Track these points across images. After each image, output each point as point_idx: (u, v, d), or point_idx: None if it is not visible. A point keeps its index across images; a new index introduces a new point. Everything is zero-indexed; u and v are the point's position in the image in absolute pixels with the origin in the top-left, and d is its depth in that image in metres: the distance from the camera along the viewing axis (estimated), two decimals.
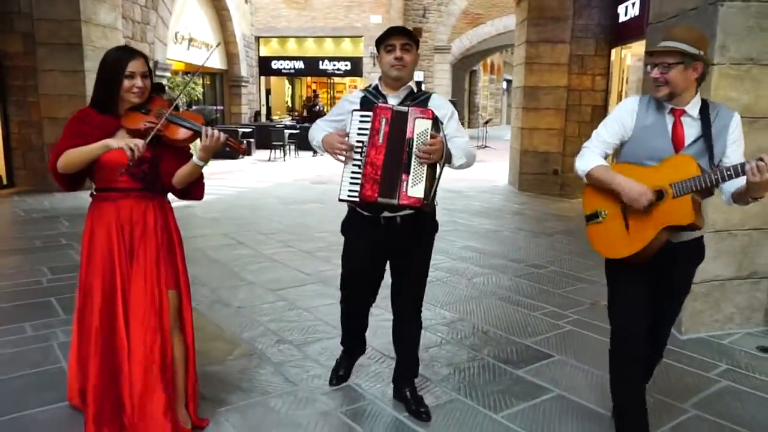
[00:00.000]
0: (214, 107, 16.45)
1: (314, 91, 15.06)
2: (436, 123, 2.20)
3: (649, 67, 2.09)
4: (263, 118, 18.73)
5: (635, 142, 2.14)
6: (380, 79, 2.42)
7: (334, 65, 19.44)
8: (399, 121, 2.19)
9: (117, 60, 2.15)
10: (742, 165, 1.88)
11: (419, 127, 2.17)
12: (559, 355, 3.18)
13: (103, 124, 2.17)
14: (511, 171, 10.02)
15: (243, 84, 17.38)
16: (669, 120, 2.10)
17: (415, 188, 2.16)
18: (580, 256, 5.27)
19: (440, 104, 2.38)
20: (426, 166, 2.18)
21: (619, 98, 9.29)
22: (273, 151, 13.91)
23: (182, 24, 13.62)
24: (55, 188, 8.08)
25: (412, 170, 2.17)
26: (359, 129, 2.24)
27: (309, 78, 21.99)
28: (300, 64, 19.58)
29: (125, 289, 2.19)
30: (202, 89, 15.09)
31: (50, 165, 2.16)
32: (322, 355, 3.09)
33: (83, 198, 2.10)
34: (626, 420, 2.21)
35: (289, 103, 22.79)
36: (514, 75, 10.21)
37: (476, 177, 10.15)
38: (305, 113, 14.57)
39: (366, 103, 2.34)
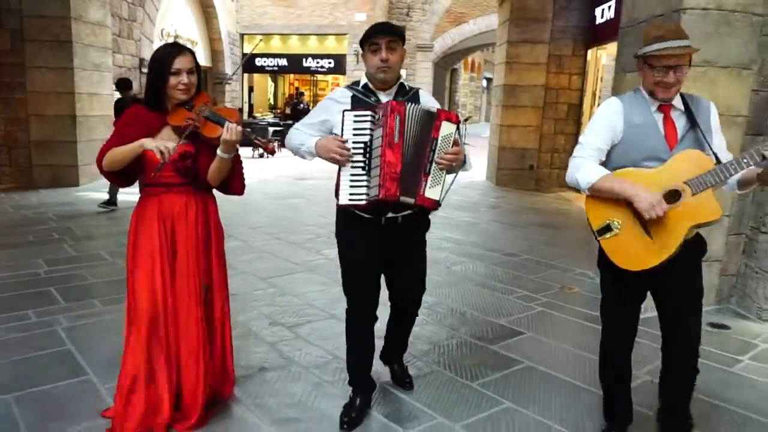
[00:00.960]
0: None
1: (297, 89, 15.17)
2: (459, 128, 2.18)
3: (656, 68, 1.98)
4: (245, 116, 18.82)
5: (627, 144, 2.06)
6: (366, 76, 2.34)
7: (318, 63, 19.56)
8: (427, 121, 2.14)
9: (163, 56, 2.17)
10: (758, 151, 1.86)
11: (444, 130, 2.14)
12: (529, 333, 3.48)
13: (150, 122, 2.21)
14: (489, 167, 10.35)
15: (227, 81, 17.45)
16: (658, 117, 2.05)
17: (432, 190, 2.14)
18: (552, 246, 5.59)
19: (428, 101, 2.35)
20: (444, 170, 2.17)
21: (594, 97, 9.65)
22: (256, 148, 14.05)
23: (168, 21, 13.67)
24: (41, 185, 8.16)
25: (432, 172, 2.14)
26: (356, 129, 2.15)
27: (292, 75, 22.08)
28: (283, 62, 19.66)
29: (170, 284, 2.24)
30: None
31: (97, 163, 2.25)
32: (312, 335, 3.34)
33: (71, 194, 2.22)
34: (613, 412, 2.36)
35: (272, 101, 22.86)
36: (495, 73, 10.53)
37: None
38: (288, 111, 14.65)
39: (358, 103, 2.25)
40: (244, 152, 13.44)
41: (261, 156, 13.02)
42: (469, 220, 6.91)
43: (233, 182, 2.37)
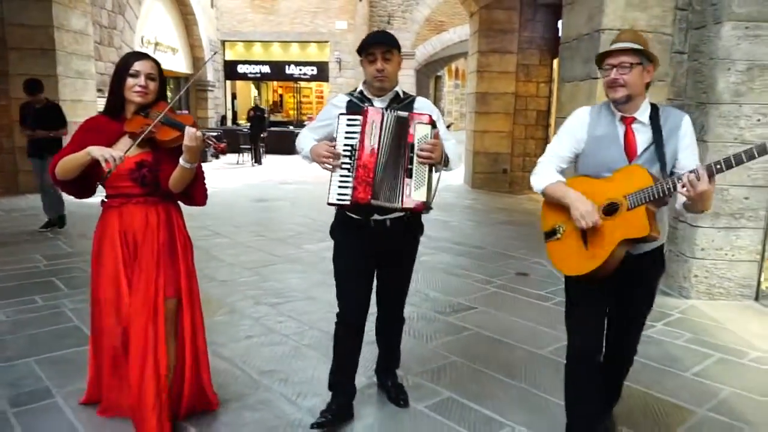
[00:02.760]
0: (179, 112, 16.84)
1: (256, 96, 15.37)
2: (435, 127, 2.23)
3: (603, 70, 2.05)
4: (229, 123, 19.16)
5: (588, 154, 2.10)
6: (364, 83, 2.41)
7: (300, 70, 19.91)
8: (400, 125, 2.20)
9: (125, 59, 2.21)
10: (676, 179, 1.87)
11: (419, 132, 2.20)
12: (481, 307, 4.00)
13: (110, 129, 2.20)
14: (465, 170, 10.91)
15: (209, 88, 17.79)
16: (620, 128, 2.05)
17: (417, 192, 2.19)
18: (517, 240, 6.14)
19: (424, 107, 2.38)
20: (427, 169, 2.20)
21: (560, 103, 10.28)
22: (241, 154, 14.48)
23: (148, 28, 13.93)
24: (27, 190, 8.26)
25: (414, 174, 2.19)
26: (347, 133, 2.24)
27: (275, 82, 22.46)
28: (266, 69, 19.99)
29: (132, 299, 2.19)
30: (169, 94, 15.51)
31: (51, 174, 2.19)
32: (292, 311, 3.82)
33: (63, 198, 2.34)
34: (576, 426, 2.19)
35: None
36: (468, 82, 11.12)
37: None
38: (249, 121, 14.76)
39: (352, 107, 2.34)
40: (230, 159, 13.83)
41: (216, 156, 13.11)
42: (443, 218, 7.43)
43: (196, 192, 2.32)
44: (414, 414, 2.57)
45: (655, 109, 2.05)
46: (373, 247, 2.37)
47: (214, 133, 14.89)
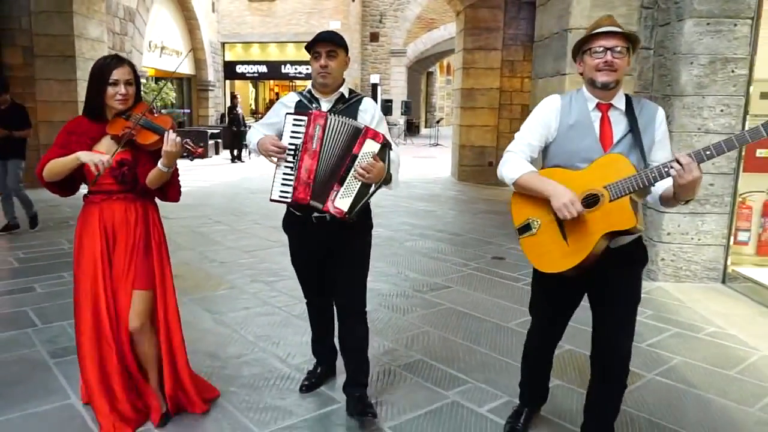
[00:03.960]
0: (182, 110, 17.30)
1: (233, 93, 15.58)
2: (384, 148, 2.25)
3: (591, 52, 1.95)
4: (227, 121, 19.58)
5: (561, 143, 2.01)
6: (312, 81, 2.47)
7: (296, 69, 20.39)
8: (350, 135, 2.25)
9: (102, 68, 2.23)
10: (667, 168, 1.80)
11: (367, 147, 2.22)
12: (455, 287, 4.44)
13: (91, 131, 2.27)
14: (452, 164, 11.34)
15: (210, 88, 18.26)
16: (595, 116, 1.98)
17: (342, 200, 2.23)
18: (496, 228, 6.59)
19: (367, 108, 2.43)
20: (359, 183, 2.23)
21: (533, 98, 10.73)
22: (237, 150, 14.89)
23: (155, 33, 14.48)
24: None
25: (345, 183, 2.24)
26: (292, 132, 2.29)
27: (272, 81, 22.88)
28: (263, 68, 20.48)
29: (111, 291, 2.30)
30: (174, 94, 15.95)
31: (38, 175, 2.26)
32: (284, 288, 4.26)
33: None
34: (528, 393, 2.47)
35: (253, 106, 23.66)
36: (455, 78, 11.53)
37: (424, 171, 11.49)
38: (226, 118, 15.00)
39: (300, 107, 2.41)
40: (229, 155, 14.14)
41: (191, 159, 13.32)
42: (428, 208, 7.87)
43: (170, 190, 2.41)
44: (387, 371, 3.00)
45: (628, 99, 2.00)
46: (317, 241, 2.44)
47: (215, 131, 15.42)
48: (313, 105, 2.41)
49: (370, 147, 2.23)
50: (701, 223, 4.47)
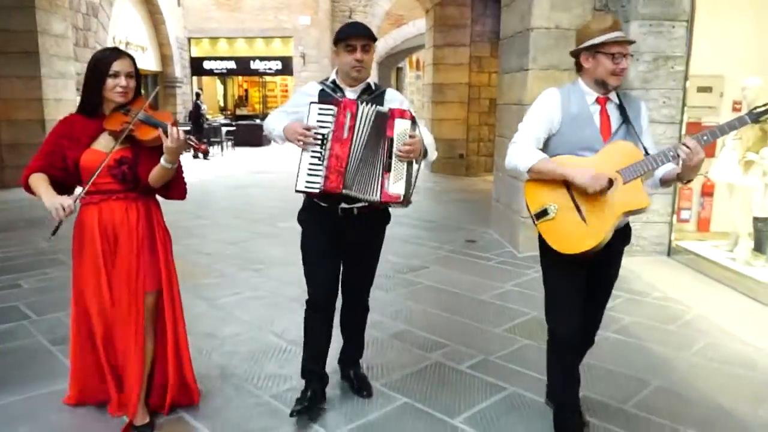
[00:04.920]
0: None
1: (198, 91, 15.61)
2: (414, 123, 2.25)
3: (615, 57, 2.04)
4: None
5: (564, 134, 2.10)
6: (337, 72, 2.43)
7: (266, 65, 20.31)
8: (380, 120, 2.23)
9: (102, 59, 2.15)
10: (675, 151, 1.96)
11: (399, 127, 2.22)
12: (432, 267, 4.77)
13: (87, 129, 2.18)
14: None
15: (178, 85, 18.12)
16: (595, 108, 2.10)
17: (396, 185, 2.22)
18: (468, 215, 6.96)
19: (395, 98, 2.43)
20: (405, 163, 2.23)
21: (500, 92, 11.16)
22: (211, 147, 14.93)
23: (119, 28, 14.30)
24: (12, 185, 8.47)
25: (393, 168, 2.21)
26: (318, 122, 2.26)
27: (241, 78, 22.78)
28: (231, 64, 20.34)
29: (114, 296, 2.24)
30: (144, 90, 15.85)
31: (23, 182, 2.17)
32: (273, 274, 4.50)
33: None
34: (564, 403, 2.30)
35: (222, 103, 23.53)
36: (425, 73, 11.87)
37: None
38: (191, 115, 14.70)
39: (324, 97, 2.37)
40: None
41: (195, 157, 12.96)
42: None
43: (174, 187, 2.34)
44: (377, 340, 3.29)
45: (616, 93, 2.14)
46: (339, 234, 2.40)
47: (185, 128, 15.40)
48: (338, 94, 2.38)
49: (402, 126, 2.24)
50: None
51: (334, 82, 2.42)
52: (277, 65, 20.28)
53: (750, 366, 2.96)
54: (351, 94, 2.40)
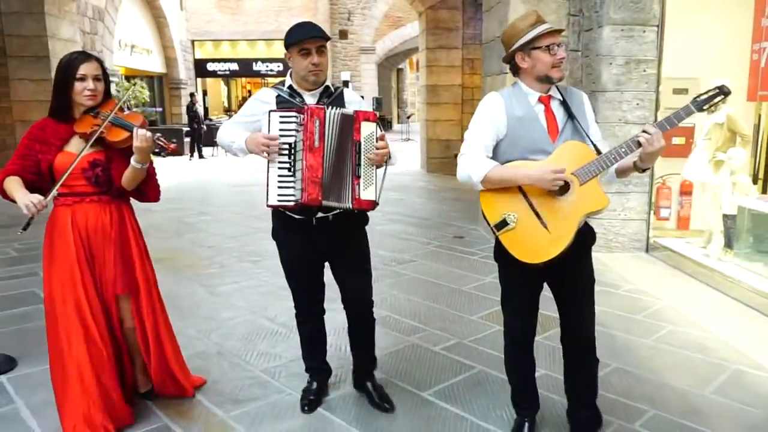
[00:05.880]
0: (154, 108, 17.53)
1: (192, 92, 15.87)
2: (379, 124, 2.19)
3: (550, 49, 1.99)
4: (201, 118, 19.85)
5: (511, 138, 2.04)
6: (291, 76, 2.31)
7: (267, 66, 20.72)
8: (345, 123, 2.15)
9: (69, 63, 2.16)
10: (634, 140, 1.92)
11: (365, 130, 2.15)
12: (419, 260, 5.07)
13: (59, 132, 2.19)
14: (421, 156, 11.98)
15: (182, 86, 18.49)
16: (539, 108, 2.05)
17: (367, 191, 2.16)
18: (459, 213, 7.26)
19: (354, 99, 2.35)
20: (374, 167, 2.17)
21: (483, 94, 11.46)
22: (215, 147, 15.25)
23: (124, 32, 14.67)
24: None
25: (363, 173, 2.14)
26: (281, 130, 2.15)
27: (243, 79, 23.13)
28: (234, 66, 20.75)
29: (90, 296, 2.22)
30: (147, 92, 16.20)
31: None
32: (269, 265, 4.78)
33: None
34: (521, 399, 2.35)
35: (226, 104, 23.90)
36: (420, 75, 12.15)
37: (397, 165, 12.05)
38: (187, 116, 15.08)
39: (282, 103, 2.26)
40: (204, 152, 14.55)
41: (158, 154, 13.30)
42: (397, 197, 8.48)
43: (149, 189, 2.34)
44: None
45: (557, 88, 2.10)
46: (318, 244, 2.33)
47: (189, 129, 15.75)
48: (297, 99, 2.28)
49: (369, 128, 2.17)
50: (626, 201, 5.20)
51: (291, 87, 2.31)
52: (278, 67, 20.63)
53: (704, 350, 3.21)
54: (310, 98, 2.29)
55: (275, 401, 2.65)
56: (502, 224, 2.01)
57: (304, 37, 2.20)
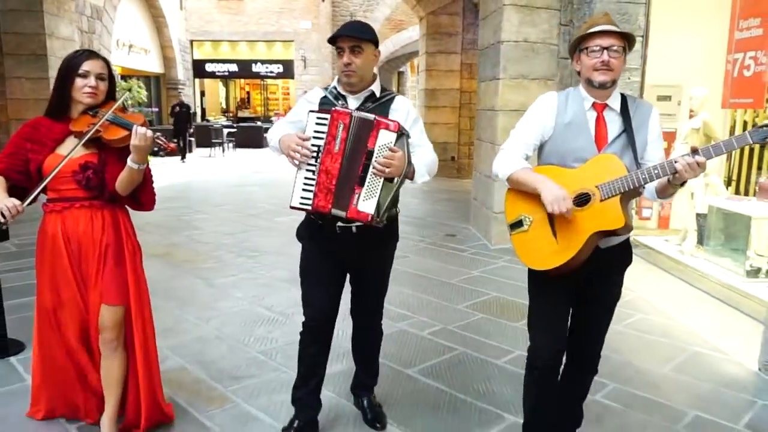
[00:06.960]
0: (150, 109, 17.64)
1: (181, 93, 15.95)
2: (401, 137, 2.05)
3: (587, 51, 1.92)
4: (198, 119, 19.99)
5: (556, 142, 1.98)
6: (339, 78, 2.23)
7: (267, 68, 20.82)
8: (362, 129, 2.03)
9: (73, 59, 2.09)
10: (670, 163, 1.78)
11: (382, 139, 2.01)
12: (412, 256, 5.27)
13: (53, 131, 2.09)
14: None
15: (180, 87, 18.64)
16: (591, 116, 1.96)
17: (366, 203, 2.01)
18: (453, 213, 7.48)
19: (400, 107, 2.21)
20: (382, 180, 2.01)
21: (478, 98, 11.69)
22: (213, 148, 15.46)
23: (122, 31, 14.75)
24: None
25: (366, 183, 2.01)
26: (315, 132, 2.08)
27: (242, 80, 23.29)
28: (233, 67, 20.82)
29: (82, 303, 2.15)
30: (146, 92, 16.37)
31: None
32: (267, 260, 5.00)
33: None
34: (534, 424, 2.18)
35: (224, 105, 24.07)
36: (419, 79, 12.39)
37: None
38: (172, 116, 14.87)
39: (325, 105, 2.19)
40: (202, 152, 14.73)
41: (156, 154, 12.83)
42: None
43: (143, 195, 2.21)
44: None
45: (624, 98, 1.99)
46: (339, 253, 2.22)
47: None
48: (339, 102, 2.19)
49: (386, 138, 2.01)
50: None
51: (335, 88, 2.24)
52: (278, 68, 20.77)
53: (668, 335, 3.46)
54: (353, 101, 2.20)
55: (272, 378, 2.85)
56: (517, 224, 2.00)
57: (337, 35, 2.13)
